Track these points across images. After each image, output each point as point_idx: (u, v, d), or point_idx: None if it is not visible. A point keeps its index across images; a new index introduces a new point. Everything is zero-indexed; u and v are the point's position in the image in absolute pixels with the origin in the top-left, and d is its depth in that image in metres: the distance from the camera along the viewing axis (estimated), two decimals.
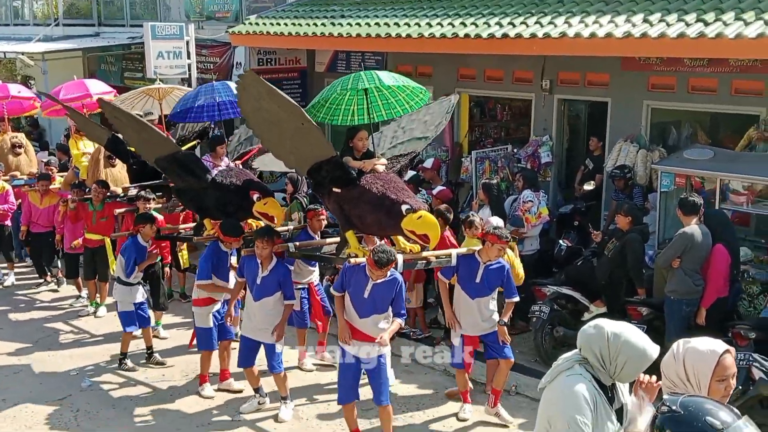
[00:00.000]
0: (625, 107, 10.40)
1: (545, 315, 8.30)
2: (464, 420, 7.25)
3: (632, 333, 3.53)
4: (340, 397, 6.60)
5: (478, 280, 7.00)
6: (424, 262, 6.99)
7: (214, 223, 7.98)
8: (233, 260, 8.07)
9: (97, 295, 10.34)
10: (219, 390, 7.97)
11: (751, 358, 6.61)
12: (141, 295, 8.61)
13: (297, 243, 7.69)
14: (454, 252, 7.16)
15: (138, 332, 8.66)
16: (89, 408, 7.66)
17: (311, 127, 6.32)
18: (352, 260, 6.46)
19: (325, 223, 8.30)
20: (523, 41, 9.93)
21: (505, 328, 7.10)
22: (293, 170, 7.57)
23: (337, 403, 6.67)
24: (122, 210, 9.78)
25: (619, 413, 3.60)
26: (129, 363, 8.54)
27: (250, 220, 8.12)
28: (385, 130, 8.08)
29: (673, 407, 2.86)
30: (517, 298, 7.13)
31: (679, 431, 2.80)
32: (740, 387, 6.38)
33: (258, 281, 7.16)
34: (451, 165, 12.16)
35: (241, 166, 8.87)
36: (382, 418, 6.60)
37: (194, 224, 8.74)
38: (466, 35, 10.46)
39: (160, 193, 9.67)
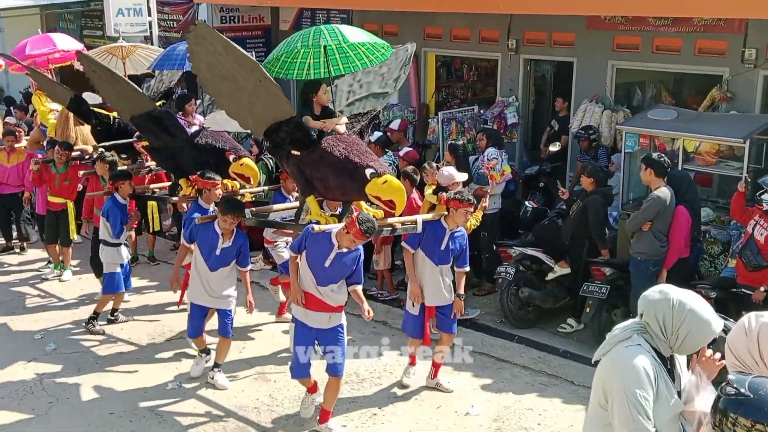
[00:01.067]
0: (591, 67, 10.41)
1: (511, 276, 8.36)
2: (405, 387, 7.20)
3: (698, 303, 3.33)
4: (294, 371, 6.41)
5: (443, 247, 6.85)
6: (390, 228, 6.78)
7: (192, 181, 7.82)
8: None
9: (61, 257, 10.20)
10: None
11: None
12: (126, 256, 8.53)
13: (254, 209, 7.41)
14: (419, 218, 6.93)
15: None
16: (54, 371, 7.61)
17: (270, 85, 6.01)
18: (316, 228, 6.16)
19: None
20: (489, 0, 9.87)
21: (462, 302, 7.05)
22: (248, 131, 7.21)
23: (291, 377, 6.55)
24: (84, 172, 9.62)
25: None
26: (98, 325, 8.48)
27: (226, 181, 8.00)
28: (340, 84, 7.71)
29: (741, 389, 2.60)
30: (467, 268, 7.03)
31: (747, 416, 2.57)
32: None
33: (217, 252, 6.98)
34: (418, 126, 12.12)
35: None
36: (330, 389, 6.35)
37: (170, 183, 8.59)
38: None
39: (125, 155, 9.54)
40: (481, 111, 11.56)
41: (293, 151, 6.48)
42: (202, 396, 7.14)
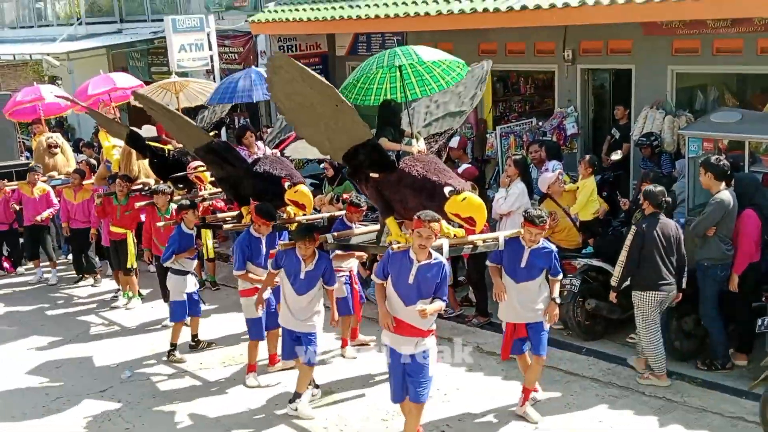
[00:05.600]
0: (650, 73, 10.28)
1: (576, 288, 8.24)
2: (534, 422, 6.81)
3: None
4: (394, 396, 6.27)
5: (523, 264, 6.59)
6: (471, 246, 6.64)
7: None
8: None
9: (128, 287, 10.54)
10: (275, 371, 8.05)
11: None
12: (193, 284, 8.75)
13: (335, 234, 7.45)
14: (501, 235, 6.78)
15: (187, 320, 8.77)
16: (130, 399, 7.80)
17: (346, 109, 6.00)
18: (395, 247, 6.08)
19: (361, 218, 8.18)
20: (543, 12, 9.85)
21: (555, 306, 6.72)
22: (327, 157, 7.18)
23: (392, 401, 6.36)
24: (142, 203, 9.95)
25: None
26: (177, 354, 8.66)
27: (288, 208, 8.09)
28: (417, 105, 7.72)
29: None
30: (560, 276, 6.79)
31: None
32: None
33: (302, 276, 6.94)
34: (477, 142, 12.11)
35: (279, 154, 8.89)
36: (411, 415, 6.27)
37: (236, 213, 8.72)
38: (485, 9, 10.41)
39: (182, 185, 9.82)
40: (540, 123, 11.50)
41: (372, 174, 6.50)
42: (271, 421, 7.20)
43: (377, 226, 7.25)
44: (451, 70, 7.02)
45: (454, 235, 6.52)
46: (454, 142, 11.02)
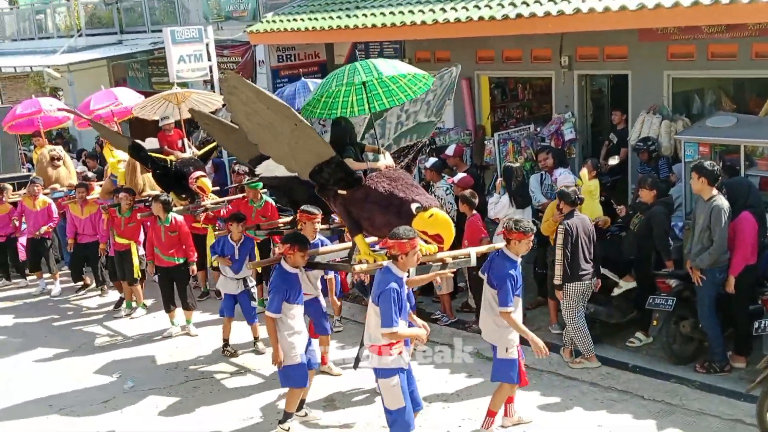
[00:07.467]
0: (646, 78, 10.34)
1: None
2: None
3: None
4: (413, 419, 5.98)
5: (520, 280, 6.48)
6: (440, 264, 6.47)
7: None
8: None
9: (133, 297, 10.62)
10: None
11: None
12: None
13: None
14: (473, 251, 6.66)
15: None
16: (133, 409, 7.85)
17: (305, 128, 5.96)
18: (357, 268, 6.03)
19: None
20: (538, 20, 9.90)
21: None
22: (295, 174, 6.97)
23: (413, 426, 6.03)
24: (141, 214, 10.14)
25: None
26: (231, 349, 8.96)
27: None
28: (389, 116, 7.68)
29: None
30: None
31: None
32: None
33: (303, 287, 6.97)
34: (475, 148, 12.17)
35: None
36: None
37: (290, 218, 8.70)
38: (481, 18, 10.46)
39: (185, 195, 9.90)
40: (538, 129, 11.56)
41: (339, 191, 6.45)
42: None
43: (350, 244, 7.03)
44: (417, 81, 6.98)
45: (427, 252, 6.26)
46: (450, 150, 11.10)
